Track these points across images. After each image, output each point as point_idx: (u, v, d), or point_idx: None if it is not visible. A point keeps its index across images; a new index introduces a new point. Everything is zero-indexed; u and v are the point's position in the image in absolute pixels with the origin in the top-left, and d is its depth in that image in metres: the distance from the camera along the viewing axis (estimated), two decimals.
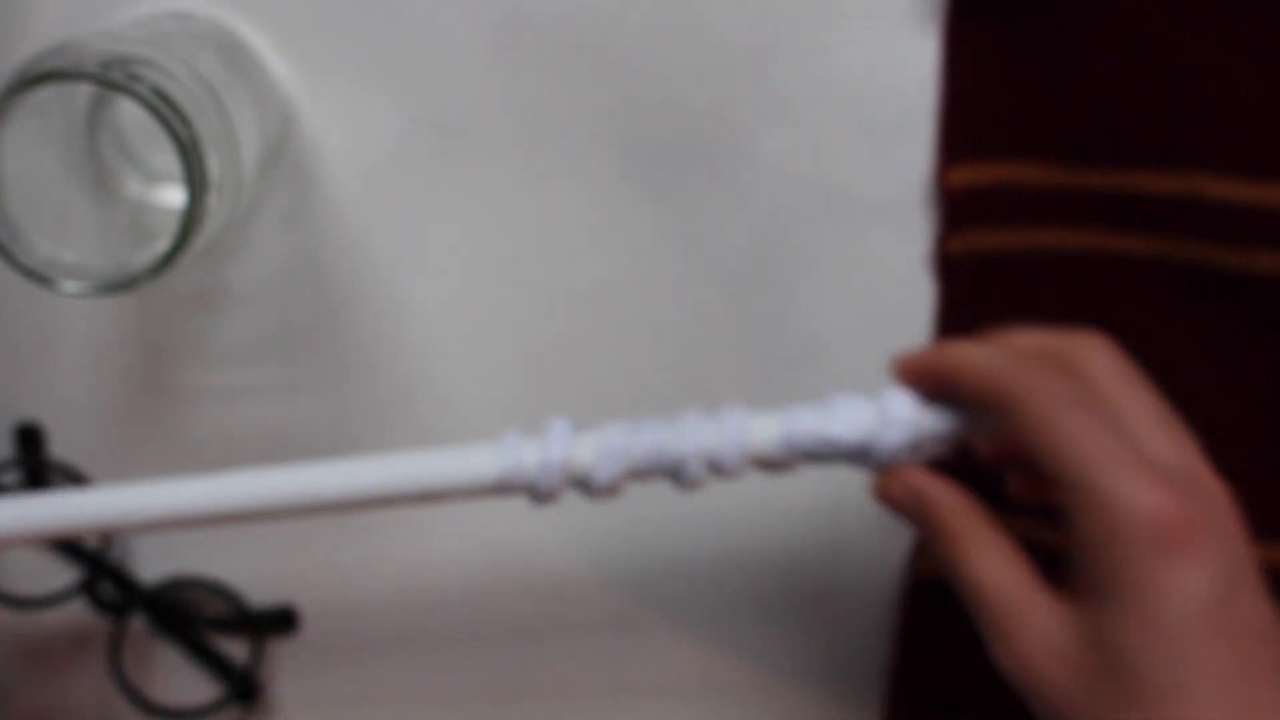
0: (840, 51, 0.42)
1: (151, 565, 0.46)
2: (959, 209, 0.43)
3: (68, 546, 0.46)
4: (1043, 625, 0.33)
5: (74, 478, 0.45)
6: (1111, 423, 0.33)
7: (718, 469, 0.36)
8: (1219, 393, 0.43)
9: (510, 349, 0.45)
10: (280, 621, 0.47)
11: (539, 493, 0.35)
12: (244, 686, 0.46)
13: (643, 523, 0.46)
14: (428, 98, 0.42)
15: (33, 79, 0.34)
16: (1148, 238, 0.42)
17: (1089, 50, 0.41)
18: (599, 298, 0.44)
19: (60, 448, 0.45)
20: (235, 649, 0.47)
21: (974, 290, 0.43)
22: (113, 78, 0.34)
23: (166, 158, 0.37)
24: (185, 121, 0.34)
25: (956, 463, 0.37)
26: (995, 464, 0.38)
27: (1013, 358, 0.34)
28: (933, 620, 0.45)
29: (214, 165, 0.35)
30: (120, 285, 0.35)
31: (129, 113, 0.40)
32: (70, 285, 0.35)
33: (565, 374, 0.45)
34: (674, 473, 0.36)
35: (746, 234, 0.44)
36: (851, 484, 0.46)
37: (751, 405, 0.36)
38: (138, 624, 0.47)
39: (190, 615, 0.47)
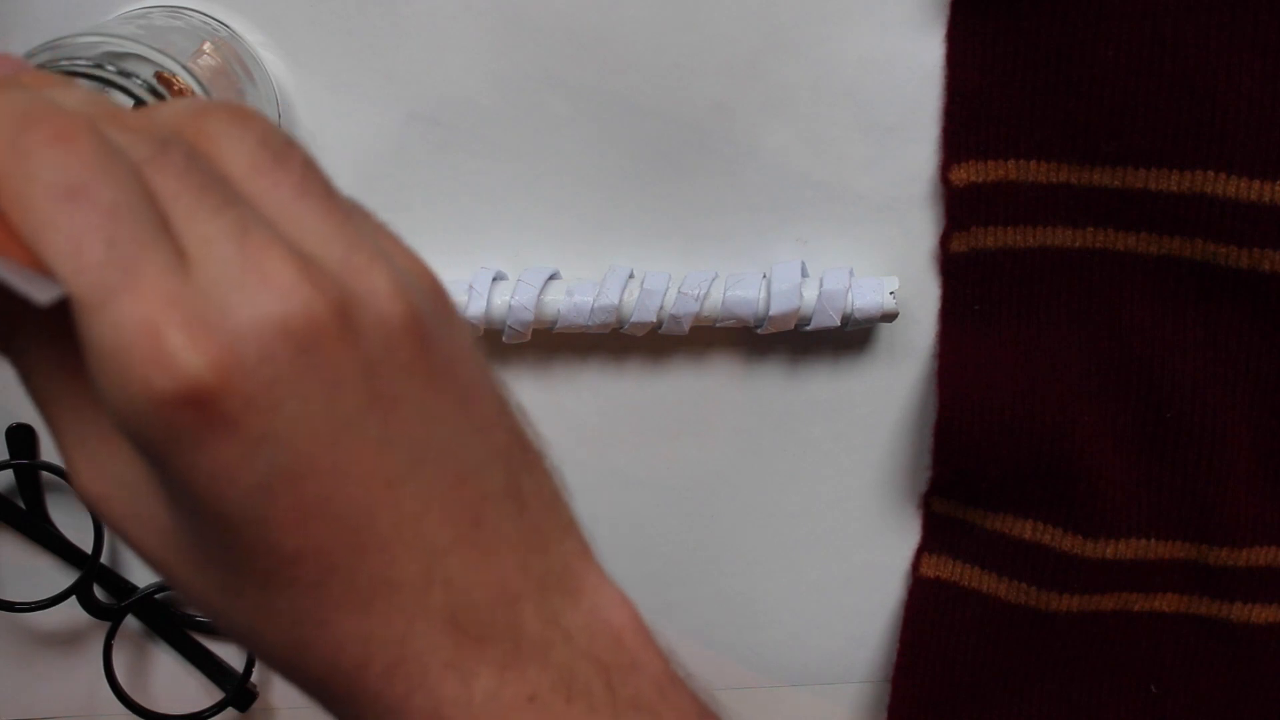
0: (843, 48, 0.42)
1: (146, 568, 0.46)
2: (962, 207, 0.43)
3: (62, 549, 0.45)
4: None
5: (66, 479, 0.44)
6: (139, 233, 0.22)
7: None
8: (1223, 391, 0.43)
9: (511, 348, 0.45)
10: None
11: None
12: (239, 692, 0.46)
13: (642, 523, 0.46)
14: (425, 94, 0.42)
15: None
16: (1152, 236, 0.42)
17: (1093, 48, 0.41)
18: None
19: (52, 449, 0.45)
20: (231, 654, 0.47)
21: (978, 288, 0.43)
22: (106, 73, 0.33)
23: None
24: None
25: None
26: None
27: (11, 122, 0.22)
28: (933, 620, 0.45)
29: None
30: None
31: None
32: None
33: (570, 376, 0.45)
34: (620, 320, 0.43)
35: (748, 231, 0.43)
36: (852, 483, 0.46)
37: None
38: (132, 628, 0.46)
39: (185, 619, 0.47)
